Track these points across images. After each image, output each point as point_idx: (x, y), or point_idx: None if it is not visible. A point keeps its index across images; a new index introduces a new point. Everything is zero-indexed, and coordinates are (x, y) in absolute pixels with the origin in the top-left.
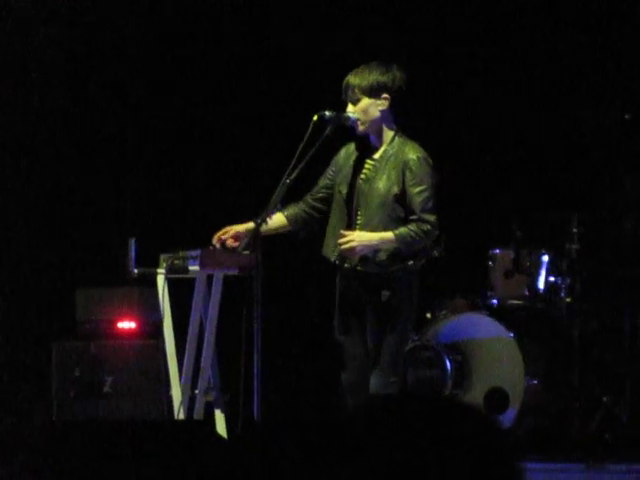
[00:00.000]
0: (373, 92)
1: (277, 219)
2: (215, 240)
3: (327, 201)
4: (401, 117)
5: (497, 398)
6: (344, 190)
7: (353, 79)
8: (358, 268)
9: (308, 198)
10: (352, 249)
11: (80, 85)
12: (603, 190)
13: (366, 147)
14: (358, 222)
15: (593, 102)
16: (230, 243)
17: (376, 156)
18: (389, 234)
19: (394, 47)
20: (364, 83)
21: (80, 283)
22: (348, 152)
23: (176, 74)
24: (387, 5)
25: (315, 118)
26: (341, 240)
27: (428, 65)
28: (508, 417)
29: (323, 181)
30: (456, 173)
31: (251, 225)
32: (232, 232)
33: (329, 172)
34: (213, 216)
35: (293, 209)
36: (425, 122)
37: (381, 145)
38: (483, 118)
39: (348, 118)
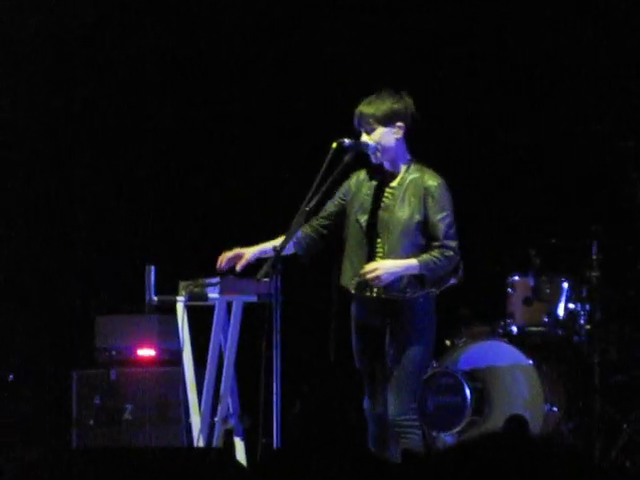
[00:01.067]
0: (388, 121)
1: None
2: (223, 262)
3: (333, 228)
4: (415, 144)
5: (517, 425)
6: (363, 219)
7: (367, 109)
8: (382, 296)
9: (315, 222)
10: (378, 278)
11: (100, 112)
12: (623, 217)
13: (379, 174)
14: (379, 251)
15: (611, 127)
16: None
17: (394, 184)
18: (413, 261)
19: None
20: (378, 112)
21: (100, 311)
22: (359, 179)
23: (198, 102)
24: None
25: (334, 145)
26: (365, 271)
27: (445, 92)
28: None
29: (332, 208)
30: (475, 200)
31: (255, 249)
32: (236, 254)
33: (338, 199)
34: (232, 244)
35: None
36: (442, 148)
37: (397, 172)
38: (501, 145)
39: (367, 145)
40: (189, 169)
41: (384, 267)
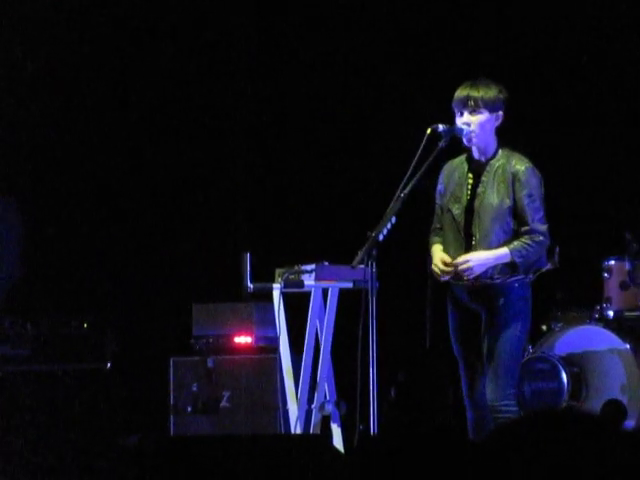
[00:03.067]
0: (492, 107)
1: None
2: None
3: None
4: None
5: (614, 410)
6: (455, 208)
7: (474, 92)
8: (475, 283)
9: (438, 228)
10: (470, 270)
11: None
12: None
13: (469, 163)
14: (474, 239)
15: None
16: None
17: (482, 171)
18: (504, 250)
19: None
20: (486, 97)
21: (197, 299)
22: (450, 171)
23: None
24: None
25: (429, 131)
26: (457, 262)
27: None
28: (626, 428)
29: (438, 210)
30: (570, 183)
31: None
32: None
33: (438, 205)
34: (327, 230)
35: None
36: (535, 130)
37: (485, 158)
38: (598, 126)
39: (461, 130)
40: (285, 155)
41: (475, 259)
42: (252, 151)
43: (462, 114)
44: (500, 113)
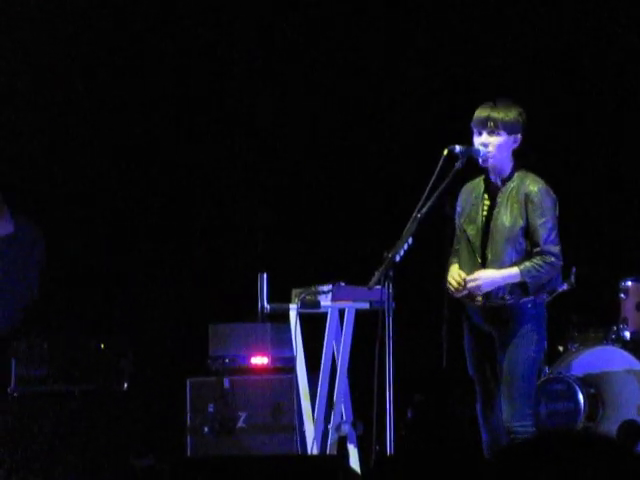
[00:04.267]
0: (512, 129)
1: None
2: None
3: None
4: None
5: (630, 430)
6: (470, 229)
7: (495, 113)
8: (487, 304)
9: (457, 250)
10: (478, 287)
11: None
12: None
13: (485, 184)
14: (488, 259)
15: None
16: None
17: (498, 192)
18: (514, 269)
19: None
20: (507, 119)
21: (213, 319)
22: (467, 192)
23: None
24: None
25: (445, 152)
26: (467, 279)
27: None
28: None
29: (458, 231)
30: (586, 204)
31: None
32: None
33: (457, 220)
34: (344, 250)
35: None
36: (552, 151)
37: (501, 180)
38: (615, 145)
39: (478, 151)
40: (303, 175)
41: (484, 277)
42: (270, 170)
43: (481, 134)
44: (519, 136)
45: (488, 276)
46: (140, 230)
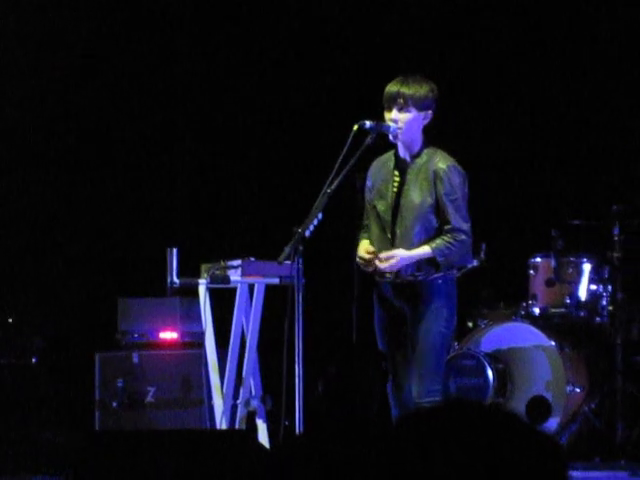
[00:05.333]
0: (422, 106)
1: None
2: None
3: None
4: (435, 127)
5: (539, 407)
6: (380, 205)
7: (405, 89)
8: (397, 280)
9: (367, 225)
10: (390, 266)
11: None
12: None
13: (394, 161)
14: (397, 235)
15: (635, 107)
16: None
17: (407, 169)
18: (426, 248)
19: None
20: (417, 95)
21: (122, 294)
22: (377, 167)
23: (216, 86)
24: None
25: (355, 128)
26: (382, 257)
27: (463, 77)
28: (550, 425)
29: (367, 206)
30: (497, 182)
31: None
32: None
33: (366, 196)
34: (253, 226)
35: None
36: (463, 129)
37: (410, 156)
38: (523, 125)
39: (388, 127)
40: (212, 149)
41: (398, 256)
42: (180, 146)
43: (391, 110)
44: (429, 112)
45: (401, 256)
46: (49, 205)
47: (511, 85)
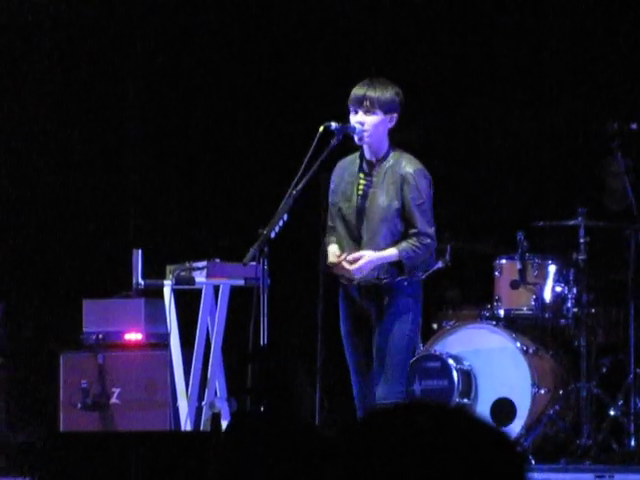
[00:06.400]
0: (388, 109)
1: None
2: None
3: None
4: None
5: (504, 408)
6: (345, 207)
7: (371, 91)
8: (362, 283)
9: (332, 227)
10: (359, 269)
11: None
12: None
13: (360, 163)
14: (363, 238)
15: (599, 110)
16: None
17: (372, 171)
18: (392, 250)
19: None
20: (382, 98)
21: (87, 294)
22: (342, 169)
23: (183, 86)
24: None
25: (321, 129)
26: (350, 258)
27: (432, 76)
28: (515, 427)
29: (332, 208)
30: (462, 183)
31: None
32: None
33: (330, 198)
34: (218, 227)
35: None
36: (428, 131)
37: (376, 159)
38: (485, 126)
39: (354, 129)
40: (177, 152)
41: (366, 258)
42: (144, 148)
43: (357, 112)
44: (395, 115)
45: (369, 258)
46: (16, 203)
47: (477, 83)
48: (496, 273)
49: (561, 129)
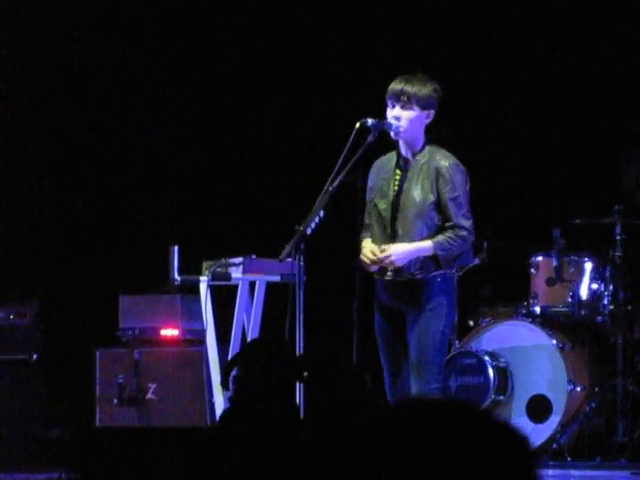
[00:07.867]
0: (425, 105)
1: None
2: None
3: None
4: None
5: (540, 405)
6: (381, 204)
7: (409, 87)
8: (397, 279)
9: (368, 225)
10: (390, 262)
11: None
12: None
13: (396, 159)
14: (398, 233)
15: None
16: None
17: (408, 167)
18: (427, 242)
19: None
20: (420, 93)
21: (124, 290)
22: (379, 166)
23: (221, 85)
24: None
25: (357, 125)
26: (380, 257)
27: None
28: (551, 424)
29: (369, 206)
30: (499, 180)
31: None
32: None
33: (367, 195)
34: (256, 223)
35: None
36: (466, 127)
37: (412, 154)
38: (526, 124)
39: (390, 125)
40: (215, 148)
41: (396, 251)
42: (180, 143)
43: (394, 107)
44: (432, 111)
45: (401, 249)
46: (53, 200)
47: (513, 83)
48: (532, 270)
49: (600, 125)
